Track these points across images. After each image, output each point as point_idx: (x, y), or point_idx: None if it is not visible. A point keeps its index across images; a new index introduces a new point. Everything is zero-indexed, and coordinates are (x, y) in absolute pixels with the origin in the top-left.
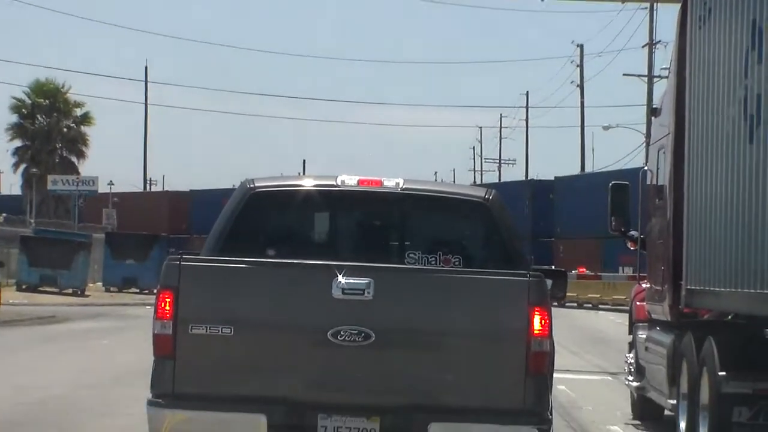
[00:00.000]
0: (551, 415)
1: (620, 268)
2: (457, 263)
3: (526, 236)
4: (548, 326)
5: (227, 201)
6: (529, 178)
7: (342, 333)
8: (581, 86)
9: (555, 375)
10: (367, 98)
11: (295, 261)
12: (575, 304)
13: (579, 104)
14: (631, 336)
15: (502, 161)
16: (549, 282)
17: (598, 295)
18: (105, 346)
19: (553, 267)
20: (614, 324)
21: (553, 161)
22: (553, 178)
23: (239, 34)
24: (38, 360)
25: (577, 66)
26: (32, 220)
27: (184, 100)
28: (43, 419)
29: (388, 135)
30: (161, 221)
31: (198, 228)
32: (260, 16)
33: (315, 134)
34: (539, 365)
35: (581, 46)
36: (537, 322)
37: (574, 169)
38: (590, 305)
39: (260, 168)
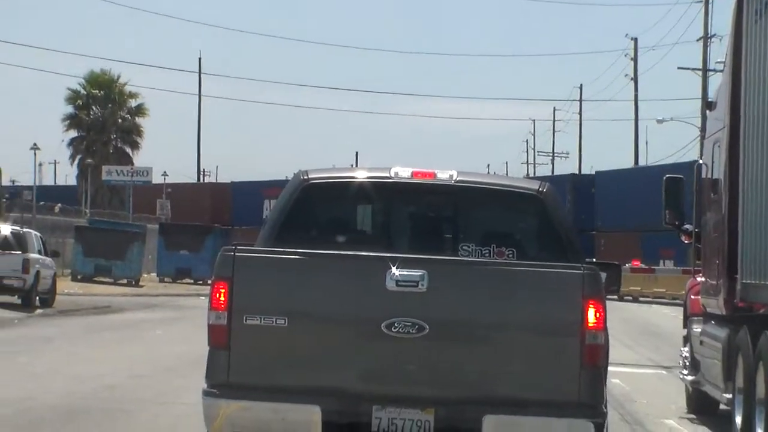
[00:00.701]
0: (606, 408)
1: (661, 261)
2: (510, 256)
3: None
4: (603, 319)
5: (268, 192)
6: (582, 171)
7: (396, 325)
8: (635, 79)
9: (609, 368)
10: (420, 90)
11: (350, 253)
12: (630, 298)
13: (633, 97)
14: (686, 330)
15: (555, 154)
16: (603, 275)
17: (638, 288)
18: (159, 337)
19: (607, 261)
20: (668, 317)
21: (606, 154)
22: (594, 173)
23: (291, 24)
24: (94, 350)
25: (631, 59)
26: (87, 211)
27: (237, 91)
28: (98, 408)
29: (442, 127)
30: (203, 212)
31: (238, 219)
32: (312, 7)
33: (368, 126)
34: (594, 358)
35: (635, 40)
36: (591, 315)
37: (628, 163)
38: (630, 298)
39: (313, 160)
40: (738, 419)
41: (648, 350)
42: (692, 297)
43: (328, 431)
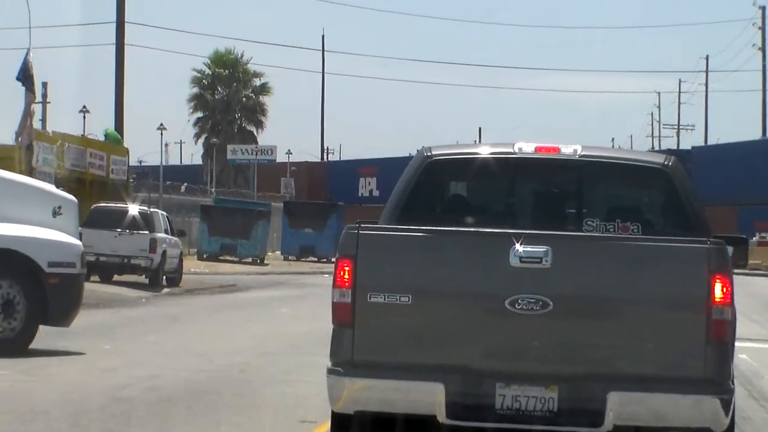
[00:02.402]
0: (733, 384)
1: (756, 233)
2: (635, 231)
3: None
4: (730, 294)
5: (364, 170)
6: (708, 143)
7: (520, 301)
8: (763, 49)
9: (736, 344)
10: (542, 64)
11: (473, 229)
12: (758, 272)
13: (761, 67)
14: None
15: (680, 127)
16: (730, 249)
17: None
18: (284, 314)
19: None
20: None
21: (732, 127)
22: (690, 148)
23: (411, 0)
24: (220, 328)
25: (759, 28)
26: (212, 190)
27: (359, 68)
28: (224, 387)
29: (565, 102)
30: (300, 191)
31: (334, 197)
32: None
33: (490, 102)
34: (720, 333)
35: (763, 8)
36: (718, 290)
37: (755, 135)
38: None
39: (435, 137)
40: None
41: None
42: None
43: (452, 409)
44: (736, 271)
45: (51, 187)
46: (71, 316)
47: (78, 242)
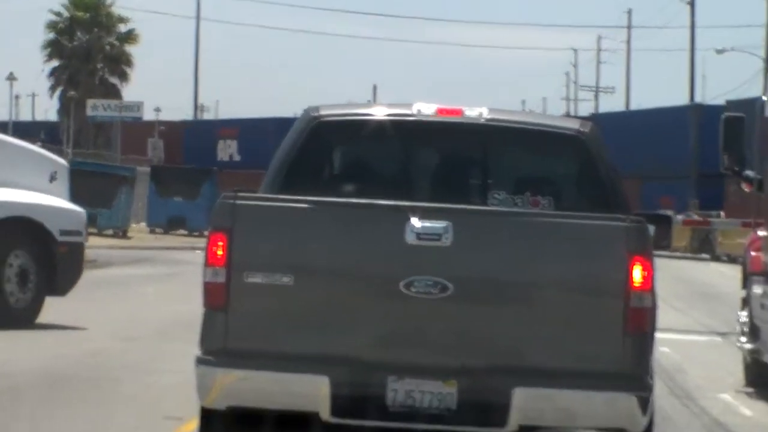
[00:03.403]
0: (652, 380)
1: (660, 210)
2: (547, 205)
3: None
4: (650, 278)
5: (224, 132)
6: (630, 107)
7: (416, 284)
8: (692, 3)
9: (657, 335)
10: (446, 15)
11: (365, 201)
12: (681, 254)
13: (689, 24)
14: (745, 291)
15: (599, 89)
16: (651, 228)
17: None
18: (150, 295)
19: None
20: (726, 277)
21: (657, 89)
22: (588, 115)
23: None
24: (79, 309)
25: None
26: (69, 150)
27: (239, 14)
28: (83, 376)
29: (471, 58)
30: (142, 152)
31: (189, 162)
32: None
33: (387, 57)
34: (639, 323)
35: None
36: (637, 274)
37: (682, 99)
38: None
39: (325, 95)
40: None
41: (702, 314)
42: (753, 253)
43: (337, 404)
44: (657, 252)
45: (45, 151)
46: (72, 287)
47: (81, 209)
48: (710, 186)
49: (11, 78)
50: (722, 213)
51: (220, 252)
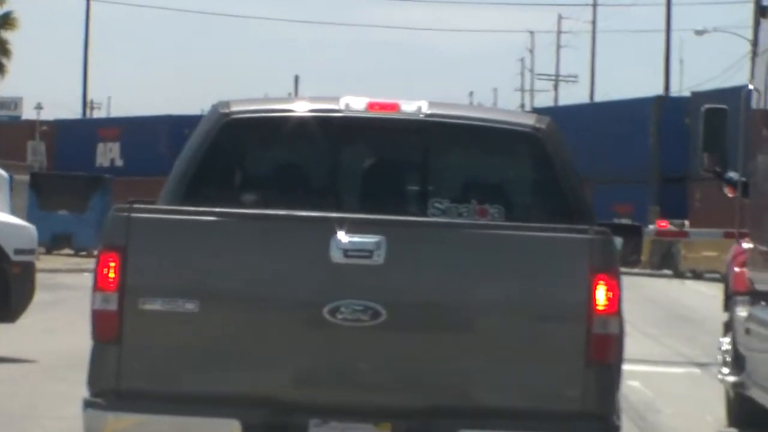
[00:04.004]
0: (619, 419)
1: (614, 219)
2: (496, 215)
3: None
4: (617, 300)
5: (105, 133)
6: (594, 99)
7: (342, 309)
8: None
9: (625, 366)
10: None
11: (282, 212)
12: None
13: (664, 1)
14: (728, 314)
15: (559, 78)
16: (618, 240)
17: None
18: (29, 327)
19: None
20: (705, 297)
21: (628, 78)
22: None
23: None
24: None
25: None
26: None
27: None
28: None
29: (408, 43)
30: (20, 156)
31: (62, 168)
32: None
33: (310, 43)
34: (604, 353)
35: None
36: (602, 295)
37: (655, 89)
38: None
39: (238, 88)
40: None
41: (677, 341)
42: (736, 270)
43: None
44: (625, 270)
45: None
46: (23, 312)
47: (31, 225)
48: (671, 191)
49: None
50: (686, 222)
51: (111, 274)
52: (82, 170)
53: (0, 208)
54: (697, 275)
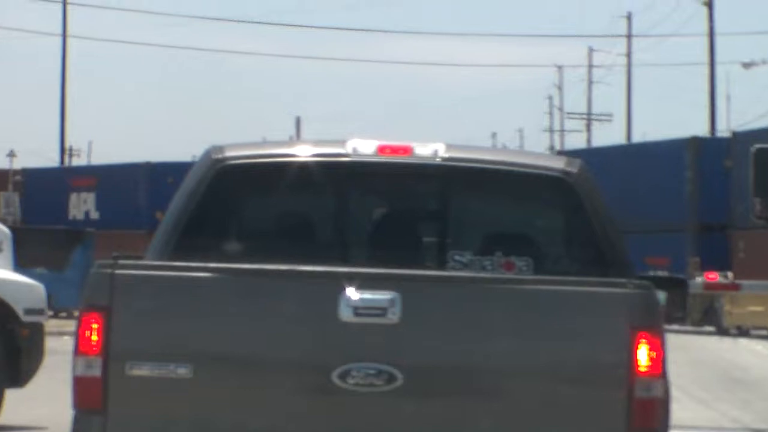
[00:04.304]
0: None
1: (648, 272)
2: (524, 268)
3: None
4: (661, 360)
5: (79, 182)
6: (632, 139)
7: (354, 374)
8: (709, 4)
9: None
10: (391, 26)
11: (285, 267)
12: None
13: (707, 30)
14: None
15: (591, 117)
16: (662, 295)
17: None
18: (6, 395)
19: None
20: (759, 357)
21: (667, 116)
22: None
23: None
24: None
25: None
26: None
27: (120, 29)
28: None
29: (423, 80)
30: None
31: (30, 222)
32: None
33: (314, 80)
34: (647, 419)
35: None
36: (644, 355)
37: (698, 128)
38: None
39: (232, 132)
40: None
41: (732, 406)
42: None
43: None
44: (670, 327)
45: None
46: (34, 375)
47: (39, 283)
48: (711, 241)
49: None
50: (729, 274)
51: (94, 337)
52: (53, 223)
53: (5, 265)
54: (743, 332)
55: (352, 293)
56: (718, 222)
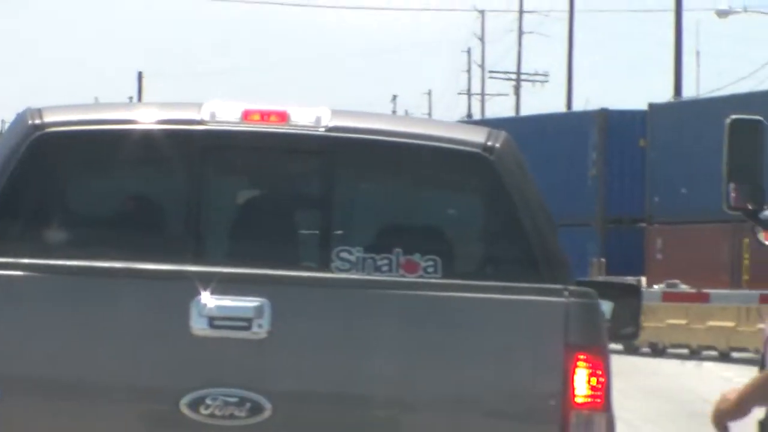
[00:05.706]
0: None
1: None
2: (431, 270)
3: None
4: (604, 388)
5: None
6: (572, 107)
7: (208, 402)
8: None
9: None
10: None
11: (120, 265)
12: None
13: None
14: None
15: (522, 77)
16: (607, 305)
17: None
18: None
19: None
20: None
21: (621, 78)
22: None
23: None
24: None
25: None
26: None
27: None
28: None
29: (313, 27)
30: None
31: None
32: None
33: (164, 25)
34: None
35: None
36: (582, 382)
37: (660, 94)
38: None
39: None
40: None
41: None
42: None
43: None
44: (615, 346)
45: None
46: None
47: None
48: (620, 238)
49: None
50: (642, 279)
51: None
52: None
53: None
54: (658, 350)
55: (207, 299)
56: (630, 215)
